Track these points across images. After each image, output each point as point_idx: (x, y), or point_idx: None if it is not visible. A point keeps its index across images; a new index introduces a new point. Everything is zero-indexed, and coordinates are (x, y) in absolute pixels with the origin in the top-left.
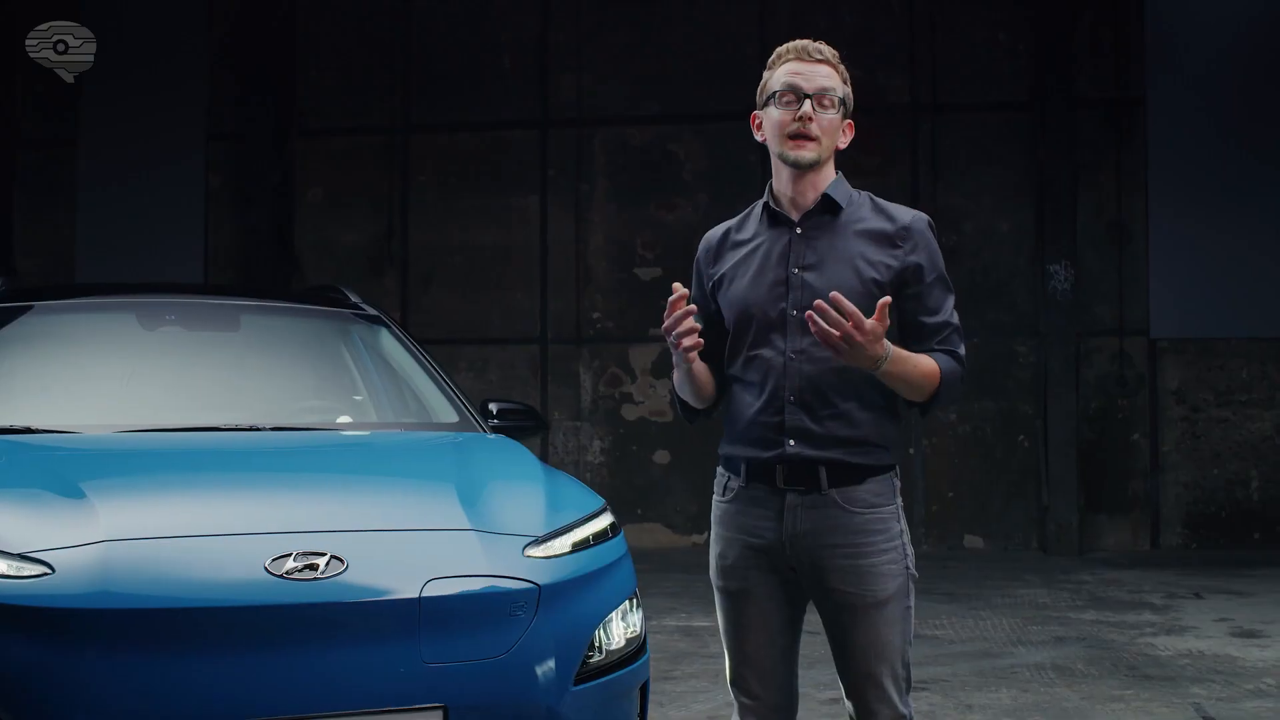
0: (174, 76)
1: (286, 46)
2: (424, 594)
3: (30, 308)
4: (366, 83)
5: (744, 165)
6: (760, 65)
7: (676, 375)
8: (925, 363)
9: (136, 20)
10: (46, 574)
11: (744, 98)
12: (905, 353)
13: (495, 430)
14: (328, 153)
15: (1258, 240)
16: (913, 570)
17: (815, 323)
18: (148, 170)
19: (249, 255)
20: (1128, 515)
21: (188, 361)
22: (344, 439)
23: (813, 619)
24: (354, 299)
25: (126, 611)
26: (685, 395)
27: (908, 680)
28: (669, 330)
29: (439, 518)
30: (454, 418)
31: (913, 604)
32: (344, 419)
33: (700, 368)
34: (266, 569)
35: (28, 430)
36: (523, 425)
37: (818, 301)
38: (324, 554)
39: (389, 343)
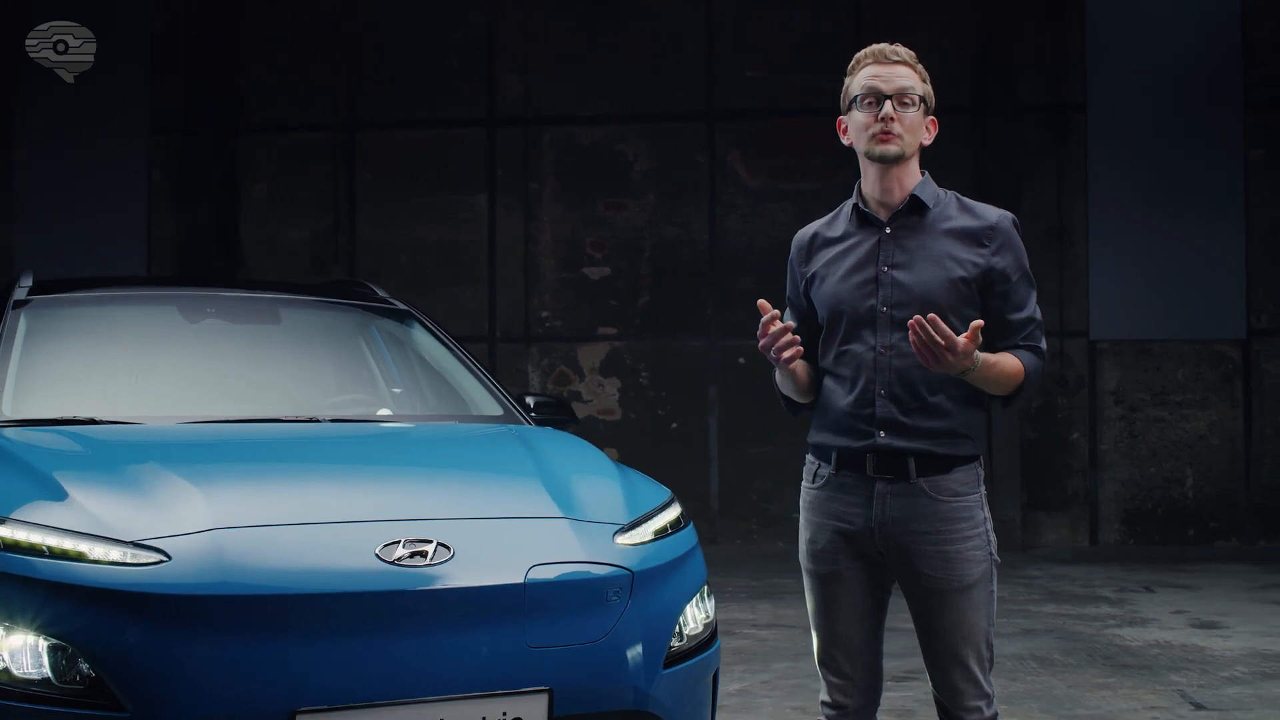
0: (116, 71)
1: (231, 42)
2: (529, 579)
3: (68, 300)
4: (312, 79)
5: (692, 165)
6: (709, 66)
7: (778, 375)
8: (1011, 364)
9: (78, 13)
10: (163, 561)
11: (692, 98)
12: (993, 357)
13: (536, 423)
14: (273, 149)
15: (1194, 245)
16: (995, 556)
17: (916, 332)
18: (89, 166)
19: (193, 251)
20: (1067, 512)
21: (234, 354)
22: (412, 430)
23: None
24: (381, 293)
25: (243, 598)
26: (788, 392)
27: (991, 660)
28: (766, 349)
29: (532, 506)
30: (498, 410)
31: (995, 588)
32: (384, 411)
33: (800, 366)
34: (378, 556)
35: (92, 421)
36: (560, 418)
37: (918, 318)
38: (431, 541)
39: (422, 336)
